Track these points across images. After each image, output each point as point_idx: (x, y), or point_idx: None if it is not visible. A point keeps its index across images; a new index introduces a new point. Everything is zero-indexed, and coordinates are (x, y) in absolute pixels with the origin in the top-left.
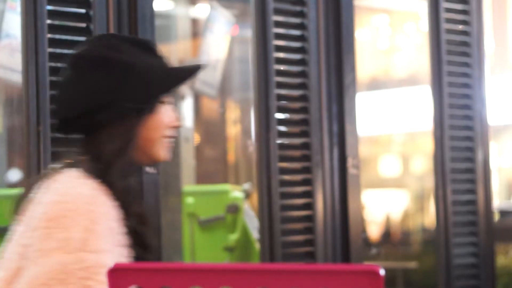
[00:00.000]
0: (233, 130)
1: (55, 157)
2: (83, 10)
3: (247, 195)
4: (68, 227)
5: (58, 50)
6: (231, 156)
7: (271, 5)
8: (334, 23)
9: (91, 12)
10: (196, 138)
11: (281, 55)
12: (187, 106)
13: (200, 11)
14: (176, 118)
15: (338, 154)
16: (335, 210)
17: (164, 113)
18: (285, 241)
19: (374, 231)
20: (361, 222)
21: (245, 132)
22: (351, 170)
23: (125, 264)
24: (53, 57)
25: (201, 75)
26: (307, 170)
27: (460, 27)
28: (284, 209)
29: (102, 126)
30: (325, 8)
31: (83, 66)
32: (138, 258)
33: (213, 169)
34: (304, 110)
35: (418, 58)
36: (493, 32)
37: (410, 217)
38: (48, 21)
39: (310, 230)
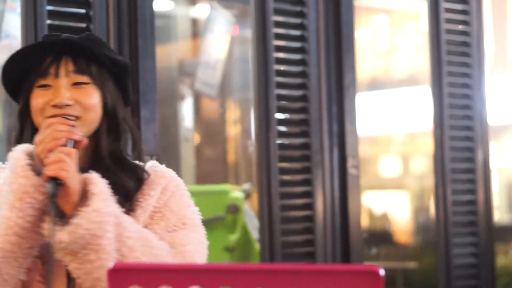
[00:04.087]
0: (233, 130)
1: None
2: (83, 10)
3: (247, 195)
4: None
5: None
6: (231, 156)
7: (271, 5)
8: (334, 23)
9: (91, 12)
10: (196, 138)
11: (281, 55)
12: (187, 106)
13: (200, 11)
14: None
15: (338, 154)
16: (335, 210)
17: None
18: (285, 241)
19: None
20: (361, 222)
21: (245, 132)
22: (351, 170)
23: (125, 264)
24: None
25: (201, 75)
26: (307, 170)
27: (460, 27)
28: (284, 209)
29: None
30: (325, 8)
31: None
32: None
33: (213, 169)
34: (304, 110)
35: (418, 58)
36: (493, 32)
37: (410, 217)
38: (48, 22)
39: (310, 230)
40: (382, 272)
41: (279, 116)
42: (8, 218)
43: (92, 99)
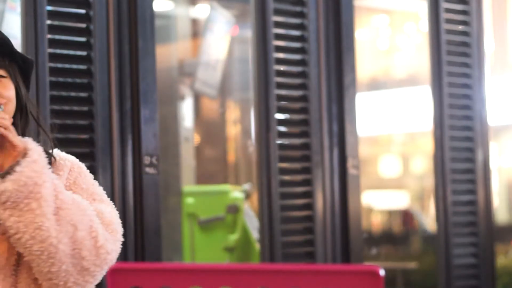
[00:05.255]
0: (233, 130)
1: None
2: (83, 10)
3: (247, 195)
4: None
5: (58, 51)
6: (231, 156)
7: (271, 5)
8: (334, 23)
9: (91, 12)
10: (196, 138)
11: (281, 55)
12: (187, 106)
13: (200, 11)
14: None
15: (338, 154)
16: (335, 211)
17: None
18: (285, 241)
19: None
20: (361, 222)
21: (245, 132)
22: (351, 171)
23: (125, 265)
24: (53, 57)
25: (201, 75)
26: (307, 170)
27: (460, 27)
28: (284, 210)
29: None
30: (325, 8)
31: None
32: None
33: (213, 169)
34: (304, 110)
35: (418, 58)
36: (493, 32)
37: (410, 217)
38: (48, 22)
39: (310, 230)
40: (382, 272)
41: (279, 116)
42: None
43: (10, 91)
